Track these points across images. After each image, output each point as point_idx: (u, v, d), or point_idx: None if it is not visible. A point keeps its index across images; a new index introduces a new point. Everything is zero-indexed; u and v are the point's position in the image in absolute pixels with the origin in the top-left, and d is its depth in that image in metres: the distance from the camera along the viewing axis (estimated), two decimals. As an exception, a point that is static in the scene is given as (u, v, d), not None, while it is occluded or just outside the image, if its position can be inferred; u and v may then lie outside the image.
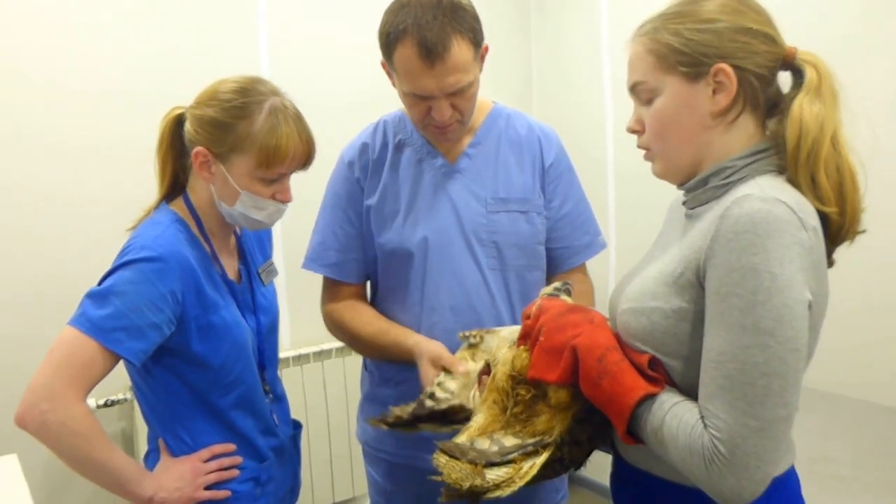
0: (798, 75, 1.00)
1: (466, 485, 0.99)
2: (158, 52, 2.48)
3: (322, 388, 2.80)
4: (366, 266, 1.61)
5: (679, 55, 0.99)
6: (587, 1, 3.09)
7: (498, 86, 3.15)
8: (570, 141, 1.69)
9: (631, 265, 1.16)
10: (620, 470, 1.14)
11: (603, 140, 3.06)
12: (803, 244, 0.88)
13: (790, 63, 1.00)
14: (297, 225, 1.70)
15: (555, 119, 3.14)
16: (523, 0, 3.36)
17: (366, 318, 1.57)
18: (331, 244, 1.60)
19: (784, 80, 1.03)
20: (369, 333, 1.55)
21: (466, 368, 1.32)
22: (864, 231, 1.00)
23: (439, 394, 1.29)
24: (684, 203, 1.08)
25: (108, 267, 1.26)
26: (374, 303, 1.65)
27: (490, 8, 3.21)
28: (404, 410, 1.29)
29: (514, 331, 1.19)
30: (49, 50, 2.30)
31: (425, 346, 1.42)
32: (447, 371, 1.33)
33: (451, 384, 1.31)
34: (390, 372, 1.57)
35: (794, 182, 0.97)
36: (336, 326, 1.62)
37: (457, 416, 1.25)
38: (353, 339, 1.60)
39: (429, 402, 1.28)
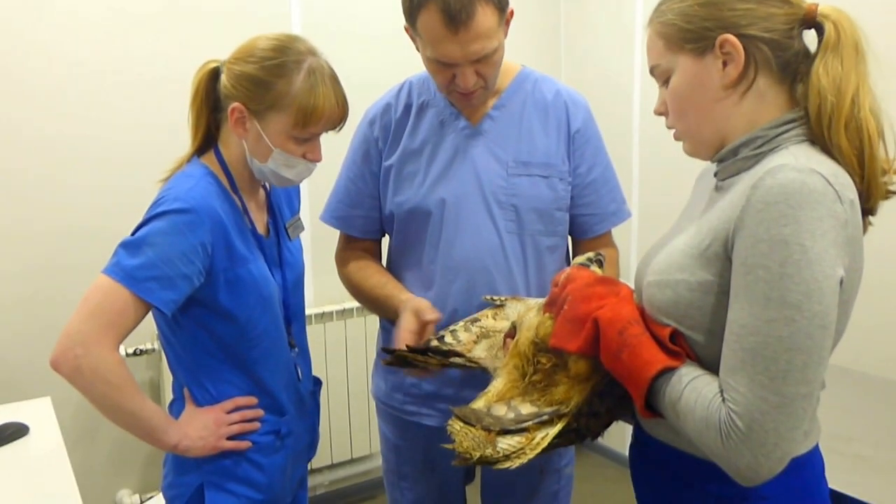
0: (820, 34, 0.97)
1: (477, 454, 1.00)
2: (189, 35, 2.49)
3: (343, 346, 2.84)
4: (374, 224, 1.64)
5: (683, 33, 0.99)
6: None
7: (526, 52, 3.11)
8: (597, 108, 1.67)
9: (653, 233, 1.15)
10: (641, 441, 1.14)
11: (630, 108, 3.02)
12: (838, 217, 0.86)
13: (811, 21, 0.97)
14: (322, 182, 1.71)
15: (583, 85, 3.11)
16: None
17: (369, 272, 1.61)
18: (342, 198, 1.64)
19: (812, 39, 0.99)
20: (369, 286, 1.59)
21: (437, 316, 1.36)
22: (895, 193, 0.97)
23: (448, 339, 1.34)
24: (716, 174, 1.06)
25: (140, 219, 1.27)
26: (390, 260, 1.67)
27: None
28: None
29: (540, 301, 1.19)
30: (77, 30, 2.33)
31: (410, 301, 1.45)
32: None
33: (463, 335, 1.34)
34: None
35: (826, 150, 0.94)
36: (345, 278, 1.66)
37: (453, 358, 1.29)
38: (357, 292, 1.64)
39: (434, 343, 1.33)
